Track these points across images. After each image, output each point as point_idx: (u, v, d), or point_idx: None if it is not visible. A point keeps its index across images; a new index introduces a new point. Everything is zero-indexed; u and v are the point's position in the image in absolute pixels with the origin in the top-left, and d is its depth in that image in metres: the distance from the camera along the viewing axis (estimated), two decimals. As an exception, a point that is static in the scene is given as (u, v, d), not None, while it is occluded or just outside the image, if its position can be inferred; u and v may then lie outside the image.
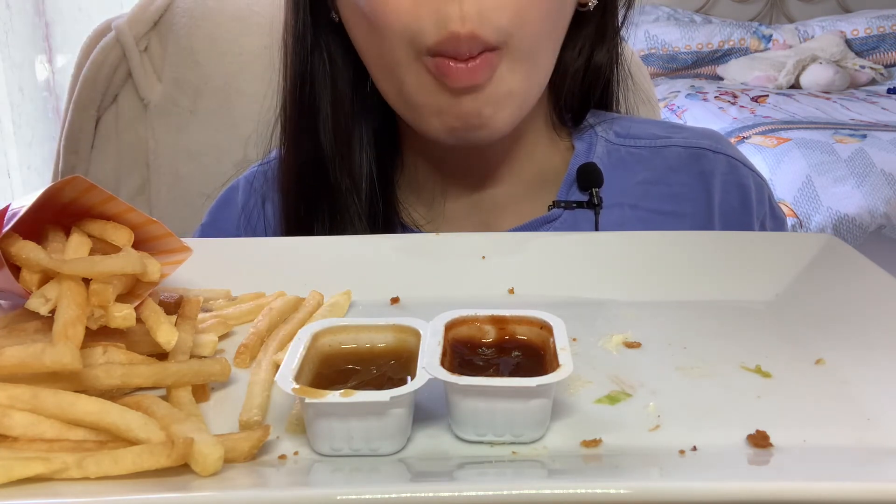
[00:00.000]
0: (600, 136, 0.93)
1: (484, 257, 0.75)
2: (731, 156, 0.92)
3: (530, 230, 0.88)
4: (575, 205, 0.88)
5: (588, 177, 0.89)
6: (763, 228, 0.92)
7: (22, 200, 0.60)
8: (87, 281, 0.55)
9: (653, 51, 3.74)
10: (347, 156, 0.87)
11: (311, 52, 0.86)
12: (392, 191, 0.91)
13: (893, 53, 3.75)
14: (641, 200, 0.90)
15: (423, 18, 0.72)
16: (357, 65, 0.84)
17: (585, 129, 0.93)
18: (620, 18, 0.90)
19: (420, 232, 0.89)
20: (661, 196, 0.90)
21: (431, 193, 0.91)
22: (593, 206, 0.87)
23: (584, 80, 0.91)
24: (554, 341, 0.53)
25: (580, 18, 0.85)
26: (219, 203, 0.99)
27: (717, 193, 0.90)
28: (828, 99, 3.32)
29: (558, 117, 0.93)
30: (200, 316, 0.64)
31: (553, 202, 0.89)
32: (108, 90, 1.20)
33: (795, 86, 3.57)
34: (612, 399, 0.55)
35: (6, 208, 0.61)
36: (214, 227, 0.97)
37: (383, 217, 0.88)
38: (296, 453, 0.49)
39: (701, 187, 0.90)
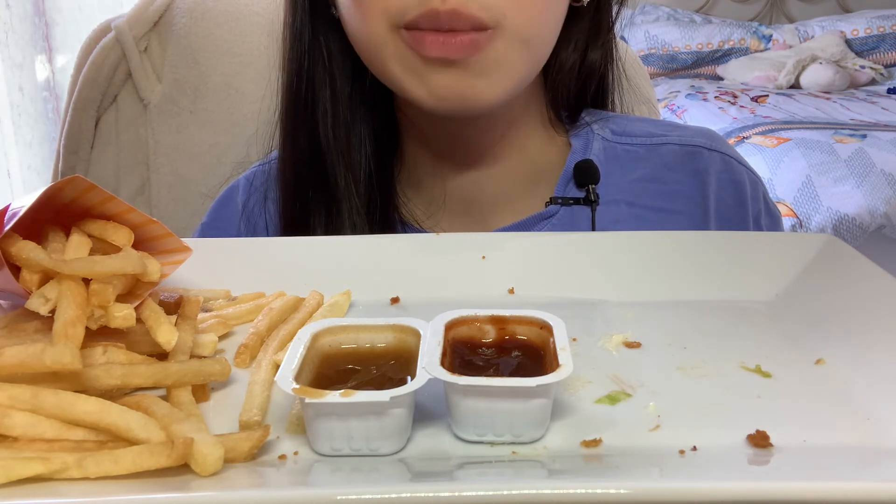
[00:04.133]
0: (597, 133, 0.93)
1: (484, 257, 0.75)
2: (726, 153, 0.93)
3: (527, 226, 0.88)
4: (572, 201, 0.88)
5: (585, 173, 0.89)
6: (758, 225, 0.92)
7: (22, 200, 0.60)
8: (87, 281, 0.55)
9: (653, 51, 3.74)
10: (346, 151, 0.87)
11: (310, 48, 0.86)
12: (392, 186, 0.91)
13: (893, 53, 3.75)
14: (638, 198, 0.90)
15: None
16: (356, 60, 0.84)
17: (582, 127, 0.94)
18: (613, 15, 0.90)
19: (418, 227, 0.89)
20: (657, 193, 0.90)
21: (430, 189, 0.91)
22: (590, 202, 0.88)
23: (579, 78, 0.91)
24: (554, 341, 0.53)
25: (574, 15, 0.85)
26: (219, 202, 0.99)
27: (712, 191, 0.90)
28: (828, 99, 3.32)
29: (554, 114, 0.93)
30: (200, 316, 0.64)
31: (550, 198, 0.89)
32: (108, 90, 1.20)
33: (795, 86, 3.58)
34: (612, 399, 0.55)
35: (6, 208, 0.61)
36: (214, 227, 0.97)
37: (381, 213, 0.88)
38: (296, 453, 0.49)
39: (696, 185, 0.90)
